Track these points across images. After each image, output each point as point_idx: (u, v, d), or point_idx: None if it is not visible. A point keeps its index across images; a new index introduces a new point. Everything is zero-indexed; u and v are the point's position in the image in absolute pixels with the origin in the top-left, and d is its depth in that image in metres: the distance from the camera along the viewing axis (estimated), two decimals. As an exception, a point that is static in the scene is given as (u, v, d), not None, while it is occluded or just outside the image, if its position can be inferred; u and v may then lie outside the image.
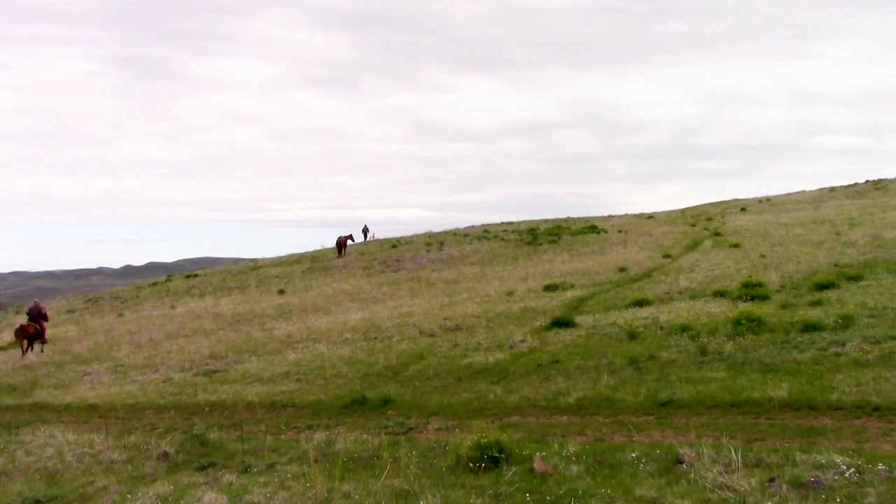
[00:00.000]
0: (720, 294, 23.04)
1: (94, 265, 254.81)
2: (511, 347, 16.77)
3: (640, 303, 22.79)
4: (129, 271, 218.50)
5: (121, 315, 39.58)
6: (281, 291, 40.10)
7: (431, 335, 20.71)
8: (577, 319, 19.53)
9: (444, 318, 23.51)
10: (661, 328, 16.62)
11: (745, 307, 17.03)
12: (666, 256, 36.73)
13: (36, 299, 31.58)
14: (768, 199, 75.96)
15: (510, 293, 28.65)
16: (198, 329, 29.30)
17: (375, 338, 21.65)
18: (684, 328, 15.56)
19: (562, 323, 18.99)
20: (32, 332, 27.97)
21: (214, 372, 18.73)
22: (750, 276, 25.40)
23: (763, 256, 33.09)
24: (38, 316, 28.69)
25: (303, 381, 15.99)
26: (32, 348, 27.96)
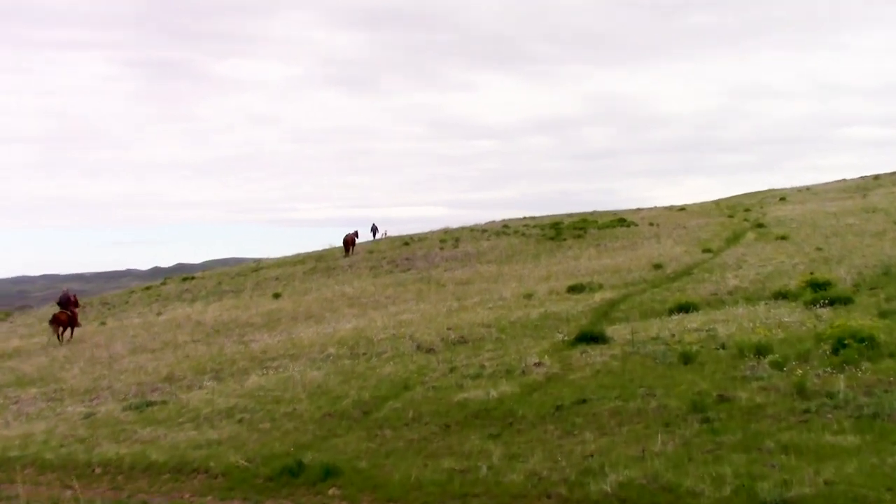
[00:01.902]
0: (782, 296, 19.01)
1: (122, 267, 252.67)
2: (523, 374, 12.68)
3: (685, 307, 18.81)
4: (157, 272, 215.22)
5: (103, 323, 35.92)
6: (276, 295, 36.30)
7: (429, 351, 16.91)
8: (609, 332, 15.41)
9: (449, 328, 19.64)
10: (723, 346, 12.40)
11: (837, 318, 12.62)
12: (706, 251, 32.67)
13: (65, 288, 33.26)
14: (808, 188, 72.04)
15: (529, 295, 24.72)
16: (169, 342, 25.53)
17: (364, 353, 17.86)
18: (759, 350, 11.13)
19: (590, 337, 14.90)
20: (65, 320, 29.13)
21: (150, 404, 14.86)
22: (812, 273, 21.40)
23: (819, 249, 29.11)
24: (67, 303, 30.06)
25: (244, 424, 12.03)
26: (70, 333, 29.21)
